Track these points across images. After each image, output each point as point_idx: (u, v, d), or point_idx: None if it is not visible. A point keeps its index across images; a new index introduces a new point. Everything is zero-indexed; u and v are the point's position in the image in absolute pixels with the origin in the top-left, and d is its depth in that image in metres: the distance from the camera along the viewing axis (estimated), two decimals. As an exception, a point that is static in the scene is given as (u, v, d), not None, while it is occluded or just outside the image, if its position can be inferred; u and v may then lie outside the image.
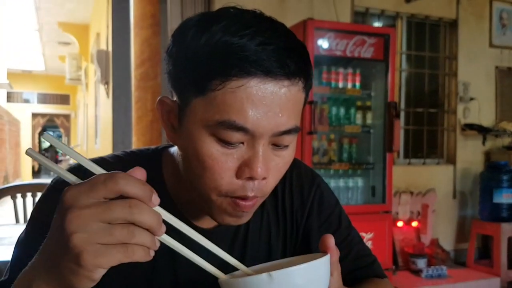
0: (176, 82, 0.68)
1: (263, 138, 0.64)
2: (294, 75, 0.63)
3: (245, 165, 0.64)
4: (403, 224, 4.19)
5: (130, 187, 0.47)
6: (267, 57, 0.61)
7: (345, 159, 3.66)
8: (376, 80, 3.67)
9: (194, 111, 0.65)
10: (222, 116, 0.62)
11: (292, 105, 0.65)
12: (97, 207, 0.46)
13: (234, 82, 0.61)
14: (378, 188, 3.64)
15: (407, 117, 4.61)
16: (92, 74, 8.79)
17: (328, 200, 0.90)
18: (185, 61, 0.65)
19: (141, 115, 4.12)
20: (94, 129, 8.86)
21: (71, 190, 0.48)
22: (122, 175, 0.48)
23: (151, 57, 4.06)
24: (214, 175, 0.65)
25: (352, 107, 3.64)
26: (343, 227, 0.89)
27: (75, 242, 0.46)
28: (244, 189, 0.65)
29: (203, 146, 0.64)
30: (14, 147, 13.70)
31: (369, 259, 0.89)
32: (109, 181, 0.47)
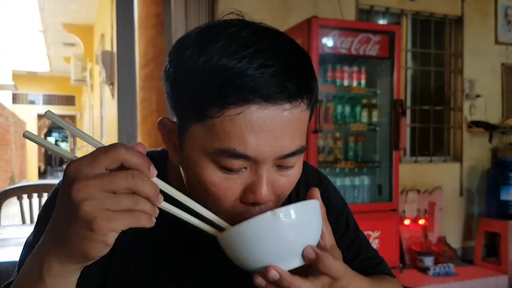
0: (175, 105, 0.65)
1: (266, 163, 0.61)
2: (296, 97, 0.60)
3: (249, 190, 0.62)
4: (410, 222, 4.17)
5: (131, 156, 0.50)
6: (265, 83, 0.57)
7: (351, 157, 3.64)
8: (381, 78, 3.65)
9: (193, 136, 0.62)
10: (222, 144, 0.59)
11: (296, 126, 0.61)
12: (101, 177, 0.48)
13: (232, 109, 0.58)
14: (385, 186, 3.63)
15: (413, 115, 4.59)
16: (97, 75, 8.81)
17: (335, 203, 0.88)
18: (183, 84, 0.62)
19: (146, 115, 4.12)
20: (100, 130, 8.89)
21: (74, 163, 0.49)
22: (123, 145, 0.50)
23: (156, 57, 4.06)
24: (218, 201, 0.63)
25: (357, 105, 3.63)
26: (351, 230, 0.87)
27: (86, 209, 0.47)
28: (249, 212, 0.64)
29: (205, 173, 0.62)
30: (20, 148, 13.76)
31: (377, 260, 0.88)
32: (111, 150, 0.49)
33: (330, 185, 0.90)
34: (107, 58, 6.27)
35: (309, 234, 0.59)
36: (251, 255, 0.57)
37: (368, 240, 0.90)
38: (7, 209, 2.48)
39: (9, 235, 1.88)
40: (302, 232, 0.58)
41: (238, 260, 0.60)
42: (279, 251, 0.57)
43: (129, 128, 5.17)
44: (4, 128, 10.64)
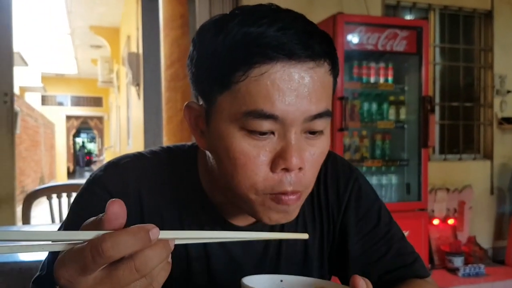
0: (200, 84, 0.66)
1: (294, 125, 0.61)
2: (319, 56, 0.61)
3: (279, 156, 0.62)
4: (439, 221, 4.09)
5: (123, 251, 0.42)
6: (288, 40, 0.58)
7: (378, 155, 3.59)
8: (409, 74, 3.59)
9: (220, 109, 0.63)
10: (249, 106, 0.60)
11: (321, 87, 0.62)
12: (103, 283, 0.43)
13: (257, 70, 0.59)
14: (413, 185, 3.57)
15: (442, 112, 4.50)
16: (123, 76, 8.93)
17: (366, 194, 0.85)
18: (206, 60, 0.64)
19: (172, 115, 4.15)
20: (126, 130, 9.01)
21: (63, 276, 0.43)
22: (109, 245, 0.41)
23: (181, 58, 4.09)
24: (248, 172, 0.62)
25: (384, 102, 3.58)
26: (383, 223, 0.84)
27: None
28: (282, 183, 0.63)
29: (234, 142, 0.62)
30: (49, 149, 14.07)
31: (411, 257, 0.84)
32: (98, 258, 0.42)
33: (361, 176, 0.87)
34: (133, 60, 6.34)
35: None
36: None
37: (403, 235, 0.87)
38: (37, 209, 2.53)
39: (39, 234, 1.90)
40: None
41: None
42: None
43: (155, 128, 5.23)
44: (34, 130, 10.89)
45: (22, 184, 8.68)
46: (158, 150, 0.81)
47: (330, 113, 0.64)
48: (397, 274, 0.82)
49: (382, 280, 0.81)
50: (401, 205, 3.48)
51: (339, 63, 0.67)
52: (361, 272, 0.80)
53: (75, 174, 20.61)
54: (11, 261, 1.46)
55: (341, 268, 0.83)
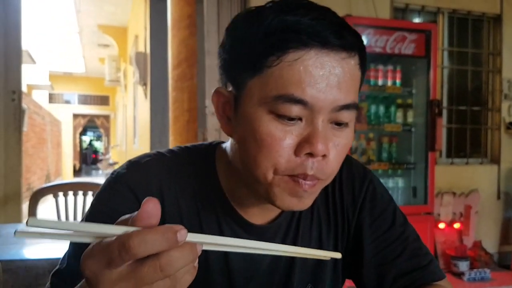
0: (231, 70, 0.68)
1: (322, 113, 0.62)
2: (351, 48, 0.63)
3: (305, 141, 0.63)
4: (445, 225, 4.06)
5: (150, 249, 0.42)
6: (323, 29, 0.60)
7: (384, 158, 3.58)
8: (417, 77, 3.58)
9: (250, 93, 0.64)
10: (280, 90, 0.61)
11: (350, 79, 0.63)
12: (127, 279, 0.43)
13: (291, 55, 0.60)
14: (420, 188, 3.55)
15: (449, 115, 4.47)
16: (130, 75, 8.96)
17: (381, 195, 0.86)
18: (240, 46, 0.65)
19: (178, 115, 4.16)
20: (133, 129, 9.03)
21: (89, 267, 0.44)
22: (136, 242, 0.41)
23: (188, 58, 4.09)
24: (272, 152, 0.63)
25: (392, 105, 3.57)
26: (398, 224, 0.84)
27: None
28: (304, 166, 0.63)
29: (261, 125, 0.63)
30: (55, 146, 14.13)
31: (426, 258, 0.84)
32: (124, 254, 0.41)
33: (375, 178, 0.88)
34: (140, 59, 6.36)
35: None
36: None
37: (418, 236, 0.86)
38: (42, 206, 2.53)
39: (45, 232, 1.91)
40: None
41: None
42: None
43: (161, 128, 5.24)
44: (41, 127, 10.95)
45: (28, 182, 8.72)
46: (176, 149, 0.82)
47: (357, 106, 0.65)
48: (412, 277, 0.81)
49: (397, 283, 0.81)
50: (407, 209, 3.45)
51: (366, 59, 0.68)
52: (375, 273, 0.81)
53: (81, 172, 20.69)
54: (17, 258, 1.47)
55: (356, 269, 0.83)
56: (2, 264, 1.19)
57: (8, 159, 3.88)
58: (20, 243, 1.72)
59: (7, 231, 1.89)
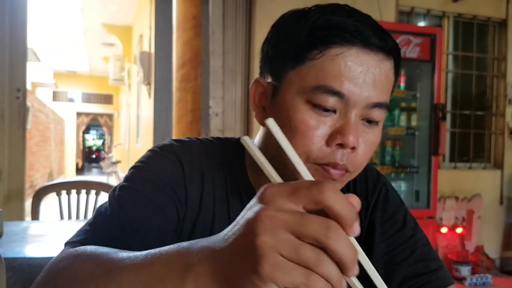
0: (273, 62, 0.72)
1: (355, 107, 0.66)
2: (389, 51, 0.67)
3: (337, 132, 0.66)
4: (447, 230, 4.05)
5: (335, 202, 0.40)
6: (365, 29, 0.65)
7: (388, 162, 3.57)
8: (421, 81, 3.58)
9: (290, 82, 0.68)
10: (319, 82, 0.65)
11: (385, 80, 0.67)
12: (292, 215, 0.40)
13: (334, 50, 0.64)
14: (422, 192, 3.55)
15: (453, 120, 4.47)
16: (134, 75, 8.97)
17: (393, 199, 0.88)
18: (285, 41, 0.69)
19: (182, 115, 4.16)
20: (136, 129, 9.04)
21: (272, 188, 0.42)
22: (331, 187, 0.41)
23: (192, 59, 4.10)
24: (305, 140, 0.66)
25: (396, 109, 3.57)
26: (408, 227, 0.85)
27: (258, 243, 0.39)
28: (334, 156, 0.66)
29: (297, 112, 0.66)
30: (58, 144, 14.16)
31: (435, 263, 0.84)
32: (315, 187, 0.40)
33: (388, 183, 0.91)
34: (145, 59, 6.37)
35: None
36: None
37: (429, 242, 0.87)
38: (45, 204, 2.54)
39: (47, 230, 1.92)
40: None
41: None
42: None
43: (165, 128, 5.24)
44: (44, 125, 10.97)
45: (31, 179, 8.74)
46: (211, 139, 0.86)
47: (388, 107, 0.69)
48: (420, 280, 0.81)
49: (405, 285, 0.81)
50: (409, 213, 3.46)
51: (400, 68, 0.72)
52: (383, 273, 0.81)
53: (84, 170, 20.73)
54: (21, 256, 1.47)
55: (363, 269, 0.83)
56: (5, 262, 1.19)
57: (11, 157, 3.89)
58: (24, 241, 1.73)
59: (10, 229, 1.89)
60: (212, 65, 3.49)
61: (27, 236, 1.83)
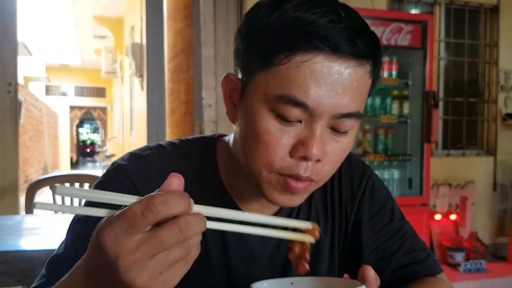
0: (243, 58, 0.68)
1: (322, 118, 0.62)
2: (362, 56, 0.62)
3: (301, 143, 0.63)
4: (441, 217, 4.08)
5: (171, 210, 0.44)
6: (336, 34, 0.59)
7: (380, 150, 3.58)
8: (413, 68, 3.58)
9: (256, 85, 0.65)
10: (283, 90, 0.61)
11: (357, 87, 0.63)
12: (146, 244, 0.43)
13: (300, 56, 0.60)
14: (415, 180, 3.56)
15: (445, 107, 4.48)
16: (127, 67, 8.93)
17: (380, 191, 0.87)
18: (254, 36, 0.66)
19: (175, 107, 4.15)
20: (130, 122, 9.02)
21: (109, 236, 0.44)
22: (159, 201, 0.43)
23: (184, 50, 4.08)
24: (268, 150, 0.64)
25: (388, 97, 3.57)
26: (396, 219, 0.85)
27: (140, 286, 0.44)
28: (297, 167, 0.64)
29: (261, 120, 0.63)
30: (52, 139, 14.11)
31: (423, 253, 0.85)
32: (149, 213, 0.43)
33: (374, 174, 0.89)
34: (136, 50, 6.34)
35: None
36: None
37: (415, 232, 0.87)
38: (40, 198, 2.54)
39: (41, 224, 1.92)
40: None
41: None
42: None
43: (158, 120, 5.23)
44: (38, 120, 10.92)
45: (26, 174, 8.71)
46: (178, 142, 0.82)
47: (360, 115, 0.65)
48: (409, 270, 0.83)
49: (395, 276, 0.82)
50: (402, 200, 3.46)
51: (380, 68, 0.68)
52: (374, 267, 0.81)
53: (78, 164, 20.67)
54: (14, 250, 1.47)
55: (354, 263, 0.84)
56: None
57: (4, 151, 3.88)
58: (17, 235, 1.73)
59: (5, 223, 1.89)
60: (204, 55, 3.47)
61: (21, 230, 1.83)
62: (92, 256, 0.47)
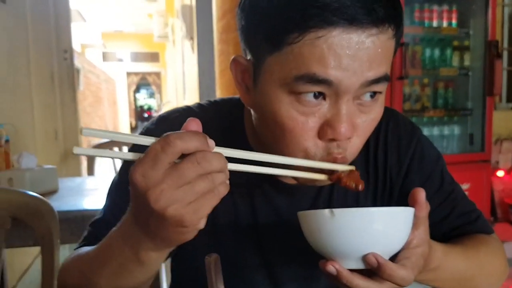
0: (250, 39, 0.62)
1: (347, 93, 0.57)
2: (383, 22, 0.55)
3: (328, 125, 0.59)
4: (504, 173, 3.90)
5: (188, 143, 0.47)
6: (351, 3, 0.53)
7: (440, 105, 3.44)
8: (475, 17, 3.37)
9: (269, 70, 0.59)
10: (300, 70, 0.56)
11: (381, 54, 0.57)
12: (170, 177, 0.47)
13: (314, 33, 0.54)
14: (477, 135, 3.41)
15: (510, 57, 4.20)
16: (178, 30, 8.97)
17: (429, 155, 0.81)
18: (259, 13, 0.59)
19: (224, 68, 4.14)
20: (182, 85, 9.13)
21: (138, 171, 0.48)
22: (175, 136, 0.47)
23: (232, 8, 4.01)
24: (297, 137, 0.60)
25: (448, 48, 3.39)
26: (446, 183, 0.80)
27: (171, 214, 0.47)
28: (329, 149, 0.61)
29: (281, 108, 0.59)
30: (112, 105, 14.61)
31: (474, 214, 0.81)
32: (167, 147, 0.47)
33: (423, 136, 0.82)
34: (186, 12, 6.33)
35: (392, 241, 0.56)
36: (329, 243, 0.56)
37: (464, 193, 0.83)
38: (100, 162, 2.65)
39: (100, 185, 2.00)
40: (384, 239, 0.55)
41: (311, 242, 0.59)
42: (353, 249, 0.55)
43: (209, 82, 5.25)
44: (96, 86, 11.29)
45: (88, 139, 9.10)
46: (206, 104, 0.80)
47: (388, 78, 0.59)
48: (461, 231, 0.80)
49: (446, 236, 0.79)
50: (463, 157, 3.34)
51: (403, 23, 0.61)
52: None
53: (137, 128, 21.37)
54: (75, 209, 1.54)
55: None
56: (60, 215, 1.25)
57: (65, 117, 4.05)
58: (79, 195, 1.81)
59: (66, 185, 1.99)
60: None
61: (81, 190, 1.92)
62: (132, 197, 0.51)
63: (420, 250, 0.59)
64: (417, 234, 0.58)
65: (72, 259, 0.70)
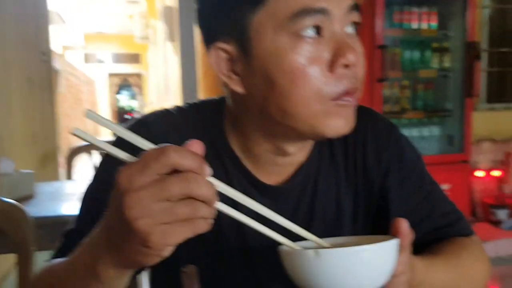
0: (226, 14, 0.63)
1: (341, 18, 0.61)
2: None
3: (335, 54, 0.60)
4: (484, 174, 3.96)
5: (183, 159, 0.45)
6: None
7: (419, 106, 3.48)
8: (454, 18, 3.42)
9: (260, 29, 0.61)
10: (294, 7, 0.58)
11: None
12: (153, 185, 0.44)
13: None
14: (457, 136, 3.46)
15: (490, 59, 4.26)
16: (160, 31, 8.92)
17: (408, 155, 0.80)
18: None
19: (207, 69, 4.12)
20: (165, 87, 9.08)
21: (125, 172, 0.46)
22: (174, 148, 0.45)
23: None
24: (310, 78, 0.60)
25: (427, 50, 3.44)
26: (426, 184, 0.80)
27: (139, 227, 0.44)
28: (342, 82, 0.61)
29: (286, 52, 0.60)
30: (91, 106, 14.45)
31: (454, 215, 0.81)
32: (162, 156, 0.44)
33: (402, 136, 0.82)
34: (168, 14, 6.29)
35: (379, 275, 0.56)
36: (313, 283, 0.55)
37: (444, 194, 0.82)
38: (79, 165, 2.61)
39: (79, 189, 1.96)
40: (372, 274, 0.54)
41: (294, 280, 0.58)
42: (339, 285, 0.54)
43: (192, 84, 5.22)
44: (77, 88, 11.16)
45: (68, 142, 8.99)
46: (184, 106, 0.78)
47: (359, 9, 0.64)
48: (441, 233, 0.79)
49: (426, 240, 0.78)
50: (443, 157, 3.38)
51: None
52: None
53: (118, 130, 21.16)
54: (53, 215, 1.52)
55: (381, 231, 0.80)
56: (37, 220, 1.22)
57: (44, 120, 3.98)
58: (56, 200, 1.77)
59: (44, 190, 1.95)
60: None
61: (60, 195, 1.88)
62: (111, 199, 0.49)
63: (404, 277, 0.59)
64: (401, 260, 0.58)
65: (41, 273, 0.67)
